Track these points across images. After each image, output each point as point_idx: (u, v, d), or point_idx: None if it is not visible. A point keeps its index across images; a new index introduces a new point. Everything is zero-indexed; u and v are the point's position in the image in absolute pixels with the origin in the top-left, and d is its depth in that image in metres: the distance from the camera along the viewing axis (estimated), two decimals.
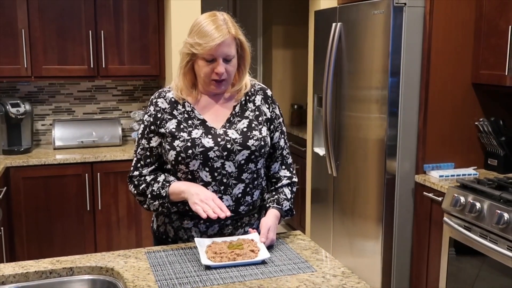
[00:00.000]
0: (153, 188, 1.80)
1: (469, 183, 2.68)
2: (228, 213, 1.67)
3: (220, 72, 1.75)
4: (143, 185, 1.83)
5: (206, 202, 1.68)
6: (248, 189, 1.84)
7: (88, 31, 3.71)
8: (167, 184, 1.78)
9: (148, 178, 1.83)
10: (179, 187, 1.76)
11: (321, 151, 3.75)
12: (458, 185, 2.75)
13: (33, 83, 3.97)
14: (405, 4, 2.92)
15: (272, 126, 1.90)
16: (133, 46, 3.83)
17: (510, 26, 2.68)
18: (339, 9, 3.42)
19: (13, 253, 3.47)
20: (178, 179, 1.82)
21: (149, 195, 1.81)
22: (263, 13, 5.42)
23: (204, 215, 1.66)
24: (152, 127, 1.83)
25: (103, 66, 3.77)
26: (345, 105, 3.39)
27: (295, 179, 1.97)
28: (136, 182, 1.85)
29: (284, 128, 1.96)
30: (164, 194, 1.77)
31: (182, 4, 3.58)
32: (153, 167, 1.85)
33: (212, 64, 1.76)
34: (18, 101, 3.66)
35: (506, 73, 2.72)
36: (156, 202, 1.81)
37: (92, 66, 3.75)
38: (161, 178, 1.81)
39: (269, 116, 1.90)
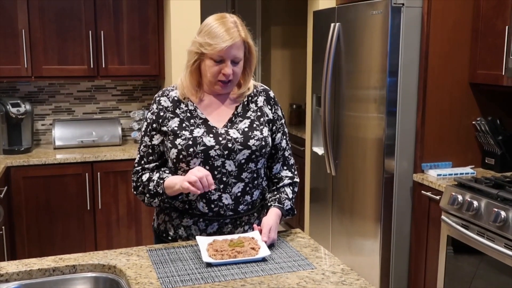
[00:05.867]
0: (150, 187, 1.83)
1: (467, 181, 2.70)
2: (213, 186, 1.71)
3: (227, 74, 1.78)
4: (140, 187, 1.87)
5: (197, 184, 1.68)
6: (247, 188, 1.86)
7: (88, 31, 3.73)
8: (161, 182, 1.80)
9: (144, 178, 1.85)
10: (173, 181, 1.77)
11: (320, 150, 3.77)
12: (455, 183, 2.77)
13: (33, 83, 3.99)
14: (403, 4, 2.94)
15: (274, 127, 1.92)
16: (132, 46, 3.85)
17: (507, 26, 2.70)
18: (337, 9, 3.44)
19: (14, 252, 3.48)
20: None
21: (148, 195, 1.85)
22: (262, 13, 5.44)
23: (197, 191, 1.69)
24: (154, 125, 1.86)
25: (103, 66, 3.79)
26: (344, 105, 3.41)
27: (296, 179, 1.99)
28: (134, 184, 1.89)
29: (286, 130, 1.98)
30: (161, 192, 1.80)
31: (181, 4, 3.60)
32: (156, 164, 1.88)
33: (220, 65, 1.78)
34: (18, 101, 3.67)
35: (503, 73, 2.75)
36: (156, 200, 1.84)
37: (92, 66, 3.77)
38: (155, 176, 1.83)
39: (271, 117, 1.92)
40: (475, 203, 2.53)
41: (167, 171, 1.86)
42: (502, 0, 2.78)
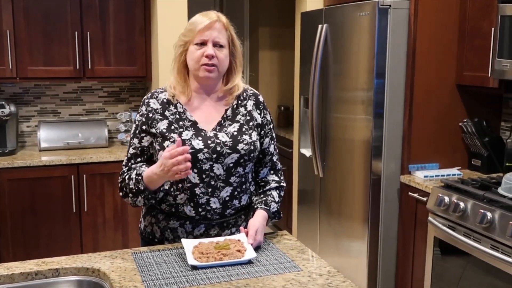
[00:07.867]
0: (131, 186, 1.80)
1: (453, 183, 2.71)
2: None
3: (209, 54, 1.77)
4: (125, 188, 1.84)
5: (175, 168, 1.64)
6: (236, 192, 1.85)
7: (74, 32, 3.69)
8: (140, 178, 1.76)
9: (127, 179, 1.82)
10: (150, 175, 1.73)
11: (307, 152, 3.76)
12: (442, 185, 2.78)
13: (18, 84, 3.94)
14: (390, 6, 2.94)
15: (262, 132, 1.92)
16: (119, 47, 3.82)
17: (493, 28, 2.72)
18: (325, 11, 3.44)
19: None
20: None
21: (130, 194, 1.82)
22: (249, 15, 5.43)
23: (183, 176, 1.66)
24: (144, 127, 1.84)
25: (89, 67, 3.76)
26: (331, 107, 3.41)
27: (283, 184, 1.99)
28: (119, 185, 1.86)
29: (274, 134, 1.98)
30: (142, 188, 1.77)
31: (168, 5, 3.58)
32: (143, 164, 1.85)
33: (203, 48, 1.78)
34: (3, 103, 3.63)
35: (490, 75, 2.76)
36: (139, 198, 1.80)
37: (78, 67, 3.73)
38: (133, 174, 1.80)
39: (260, 122, 1.91)
40: (462, 204, 2.54)
41: (144, 166, 1.82)
42: (488, 2, 2.80)
